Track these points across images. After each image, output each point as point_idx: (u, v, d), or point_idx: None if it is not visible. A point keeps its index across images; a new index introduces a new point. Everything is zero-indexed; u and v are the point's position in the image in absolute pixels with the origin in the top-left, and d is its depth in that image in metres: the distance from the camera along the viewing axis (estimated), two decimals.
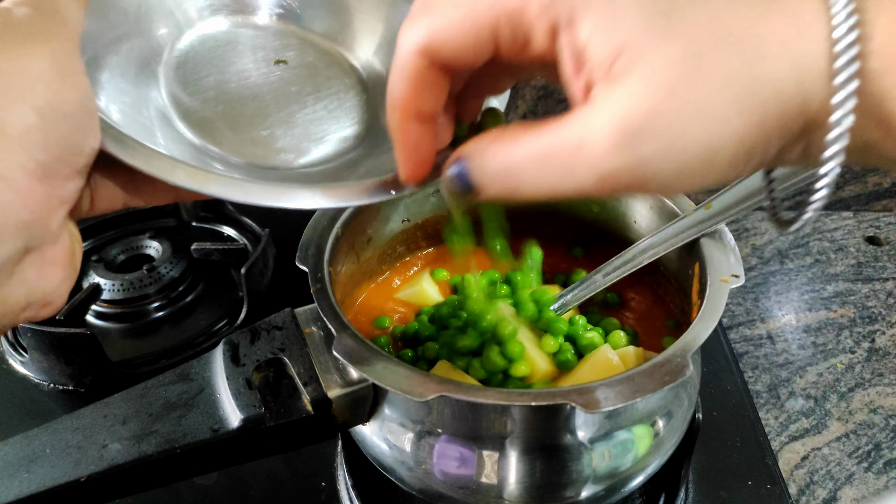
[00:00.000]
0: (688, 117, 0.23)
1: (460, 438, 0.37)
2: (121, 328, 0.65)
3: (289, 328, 0.40)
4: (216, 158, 0.33)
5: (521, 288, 0.49)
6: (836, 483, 0.53)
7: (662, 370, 0.34)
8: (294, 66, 0.37)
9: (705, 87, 0.23)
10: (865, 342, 0.65)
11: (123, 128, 0.29)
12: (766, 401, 0.59)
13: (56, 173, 0.25)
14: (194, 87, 0.35)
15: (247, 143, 0.34)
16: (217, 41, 0.37)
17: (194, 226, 0.76)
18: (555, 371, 0.43)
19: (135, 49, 0.34)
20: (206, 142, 0.33)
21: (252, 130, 0.35)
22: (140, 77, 0.34)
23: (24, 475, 0.34)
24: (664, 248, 0.44)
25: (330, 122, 0.36)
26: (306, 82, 0.37)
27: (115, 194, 0.30)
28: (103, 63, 0.32)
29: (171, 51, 0.35)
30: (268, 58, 0.37)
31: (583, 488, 0.38)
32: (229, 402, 0.37)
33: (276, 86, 0.36)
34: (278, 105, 0.36)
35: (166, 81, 0.35)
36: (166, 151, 0.29)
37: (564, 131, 0.25)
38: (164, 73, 0.35)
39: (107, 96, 0.31)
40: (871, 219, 0.80)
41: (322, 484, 0.51)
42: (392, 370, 0.34)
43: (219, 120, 0.34)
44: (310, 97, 0.37)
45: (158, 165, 0.28)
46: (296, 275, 0.41)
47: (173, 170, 0.28)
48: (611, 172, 0.24)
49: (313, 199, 0.30)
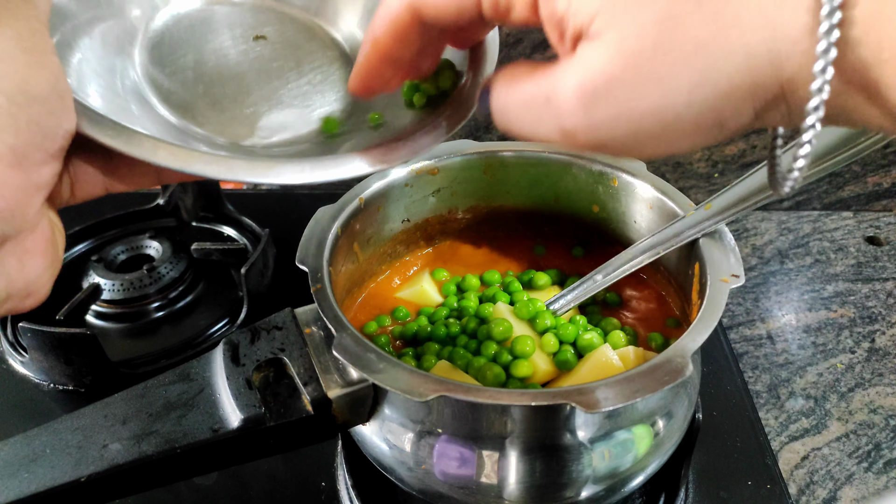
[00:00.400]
0: (646, 86, 0.24)
1: (460, 438, 0.37)
2: (121, 328, 0.65)
3: (289, 328, 0.40)
4: (199, 139, 0.32)
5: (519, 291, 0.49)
6: (836, 483, 0.53)
7: (662, 370, 0.34)
8: (274, 41, 0.37)
9: (672, 56, 0.24)
10: (865, 342, 0.65)
11: (103, 110, 0.28)
12: (766, 401, 0.59)
13: (29, 158, 0.24)
14: (172, 68, 0.34)
15: (230, 122, 0.33)
16: (192, 20, 0.36)
17: (194, 226, 0.76)
18: (555, 371, 0.43)
19: (108, 31, 0.33)
20: (187, 123, 0.33)
21: (234, 109, 0.34)
22: (116, 59, 0.33)
23: (24, 475, 0.34)
24: (664, 248, 0.44)
25: (314, 96, 0.36)
26: (288, 57, 0.36)
27: (95, 179, 0.29)
28: (76, 45, 0.31)
29: (146, 31, 0.34)
30: (246, 35, 0.36)
31: (583, 488, 0.38)
32: (229, 402, 0.37)
33: (256, 63, 0.36)
34: (260, 82, 0.35)
35: (142, 63, 0.34)
36: (148, 133, 0.28)
37: (543, 82, 0.27)
38: (139, 55, 0.34)
39: (82, 79, 0.30)
40: (871, 219, 0.80)
41: (322, 484, 0.51)
42: (392, 370, 0.34)
43: (199, 100, 0.34)
44: (292, 72, 0.36)
45: (139, 146, 0.27)
46: (296, 275, 0.41)
47: (155, 150, 0.27)
48: (569, 130, 0.26)
49: (301, 173, 0.29)
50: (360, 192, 0.47)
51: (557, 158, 0.51)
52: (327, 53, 0.37)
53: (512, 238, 0.55)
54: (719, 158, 0.83)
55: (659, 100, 0.24)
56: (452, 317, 0.48)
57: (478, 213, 0.54)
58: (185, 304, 0.67)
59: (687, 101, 0.24)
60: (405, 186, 0.50)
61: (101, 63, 0.32)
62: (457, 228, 0.55)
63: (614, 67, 0.24)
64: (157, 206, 0.75)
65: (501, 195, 0.53)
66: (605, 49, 0.24)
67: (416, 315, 0.49)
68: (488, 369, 0.42)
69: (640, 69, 0.24)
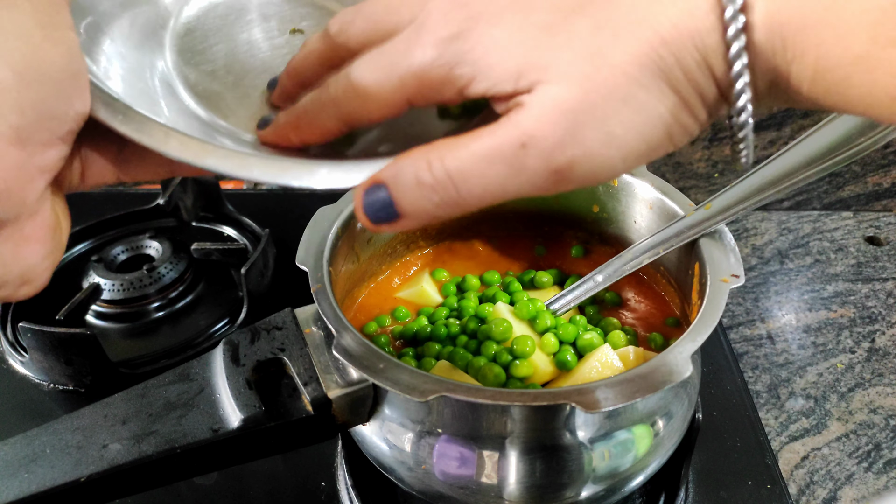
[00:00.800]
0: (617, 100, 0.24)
1: (460, 438, 0.37)
2: (121, 328, 0.65)
3: (289, 328, 0.40)
4: (224, 133, 0.31)
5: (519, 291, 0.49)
6: (836, 483, 0.53)
7: (662, 370, 0.34)
8: (310, 36, 0.35)
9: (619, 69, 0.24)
10: (865, 342, 0.65)
11: (125, 96, 0.27)
12: (766, 401, 0.59)
13: (34, 138, 0.22)
14: (202, 57, 0.33)
15: (257, 117, 0.32)
16: (227, 9, 0.35)
17: (194, 226, 0.76)
18: (555, 371, 0.43)
19: (140, 15, 0.32)
20: (213, 115, 0.31)
21: (263, 104, 0.32)
22: (145, 45, 0.32)
23: (24, 475, 0.34)
24: (664, 248, 0.44)
25: None
26: None
27: (107, 166, 0.28)
28: (106, 29, 0.30)
29: (178, 18, 0.33)
30: (282, 27, 0.35)
31: (583, 488, 0.38)
32: (229, 402, 0.37)
33: (289, 57, 0.34)
34: None
35: (172, 50, 0.32)
36: (171, 123, 0.27)
37: (501, 132, 0.25)
38: (170, 42, 0.33)
39: (108, 63, 0.29)
40: (871, 219, 0.80)
41: (322, 484, 0.51)
42: (392, 370, 0.34)
43: (228, 92, 0.32)
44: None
45: (150, 134, 0.25)
46: (296, 275, 0.41)
47: (166, 139, 0.25)
48: (566, 163, 0.25)
49: (314, 176, 0.27)
50: None
51: None
52: None
53: (512, 238, 0.55)
54: (719, 158, 0.83)
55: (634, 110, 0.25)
56: (452, 317, 0.48)
57: (478, 212, 0.54)
58: (185, 304, 0.67)
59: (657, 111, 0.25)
60: None
61: (129, 47, 0.31)
62: (457, 228, 0.55)
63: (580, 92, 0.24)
64: (157, 206, 0.75)
65: None
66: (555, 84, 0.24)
67: (416, 315, 0.49)
68: (488, 369, 0.42)
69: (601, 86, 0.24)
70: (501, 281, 0.51)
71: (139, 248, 0.70)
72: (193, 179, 0.75)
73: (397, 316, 0.49)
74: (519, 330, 0.44)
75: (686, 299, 0.45)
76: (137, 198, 0.79)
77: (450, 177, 0.25)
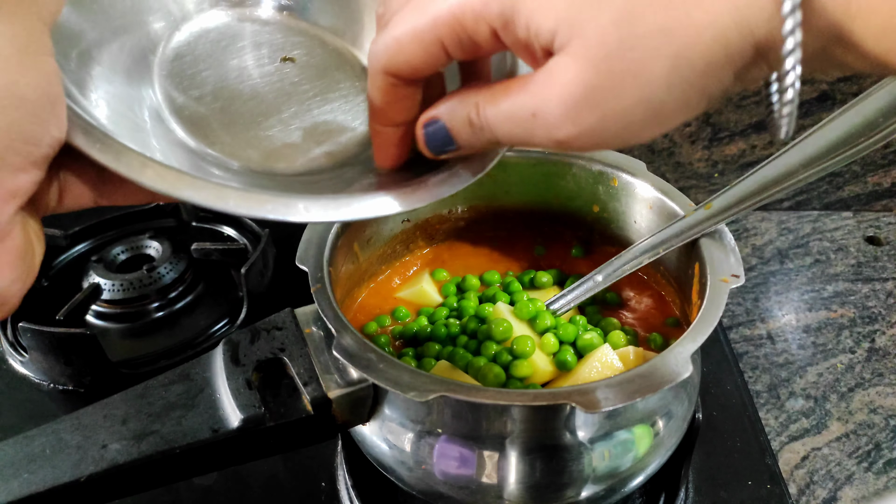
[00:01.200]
0: (623, 84, 0.25)
1: (460, 438, 0.37)
2: (121, 328, 0.65)
3: (289, 328, 0.40)
4: (212, 162, 0.31)
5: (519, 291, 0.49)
6: (836, 483, 0.53)
7: (662, 370, 0.34)
8: (302, 64, 0.35)
9: (640, 51, 0.24)
10: (865, 342, 0.65)
11: (110, 123, 0.27)
12: (766, 401, 0.59)
13: (6, 162, 0.22)
14: (190, 83, 0.33)
15: (243, 144, 0.32)
16: (219, 35, 0.35)
17: (194, 226, 0.76)
18: (555, 371, 0.43)
19: (128, 43, 0.32)
20: (201, 143, 0.31)
21: (250, 131, 0.33)
22: (133, 73, 0.32)
23: (24, 475, 0.34)
24: (664, 248, 0.44)
25: (335, 126, 0.34)
26: (313, 82, 0.35)
27: (85, 191, 0.28)
28: (97, 55, 0.30)
29: (168, 44, 0.33)
30: (273, 55, 0.35)
31: (583, 488, 0.38)
32: (229, 402, 0.37)
33: (278, 85, 0.34)
34: (280, 106, 0.34)
35: (160, 77, 0.32)
36: (157, 150, 0.27)
37: (525, 98, 0.27)
38: (158, 69, 0.33)
39: (97, 90, 0.29)
40: (871, 219, 0.80)
41: (322, 484, 0.51)
42: (392, 370, 0.34)
43: (214, 118, 0.32)
44: (315, 99, 0.35)
45: (127, 163, 0.25)
46: (296, 275, 0.41)
47: (142, 169, 0.25)
48: (563, 140, 0.27)
49: (297, 211, 0.27)
50: None
51: (557, 158, 0.51)
52: (355, 83, 0.36)
53: (512, 238, 0.55)
54: (719, 158, 0.83)
55: (639, 93, 0.25)
56: (452, 317, 0.48)
57: (478, 212, 0.54)
58: (185, 304, 0.67)
59: (666, 87, 0.25)
60: None
61: (118, 73, 0.31)
62: (457, 228, 0.55)
63: (587, 76, 0.25)
64: (157, 206, 0.75)
65: (501, 195, 0.53)
66: (573, 60, 0.25)
67: (416, 315, 0.49)
68: (488, 369, 0.42)
69: (612, 71, 0.25)
70: (501, 281, 0.51)
71: (139, 248, 0.70)
72: None
73: (397, 316, 0.49)
74: (519, 330, 0.44)
75: (686, 299, 0.45)
76: None
77: (488, 124, 0.29)
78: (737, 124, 0.78)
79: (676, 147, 0.80)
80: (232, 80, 0.34)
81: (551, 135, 0.27)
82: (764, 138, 0.80)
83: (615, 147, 0.28)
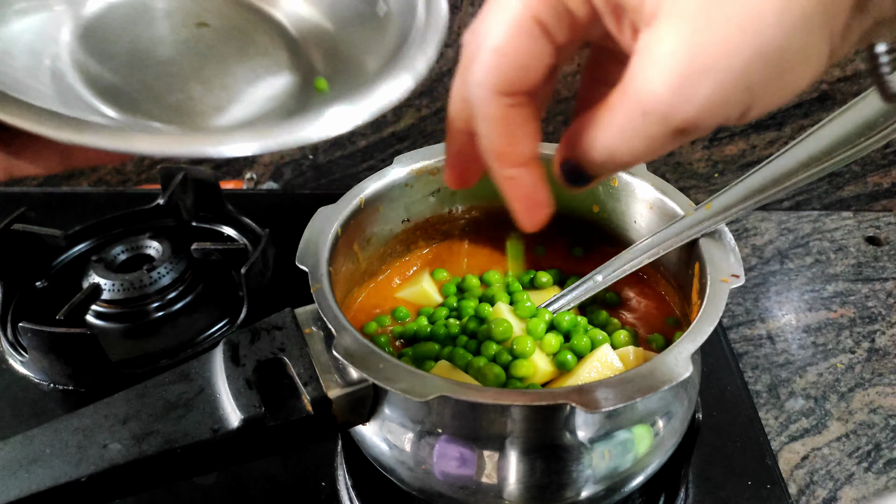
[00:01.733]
0: (732, 38, 0.22)
1: (460, 438, 0.37)
2: (121, 328, 0.64)
3: (289, 328, 0.40)
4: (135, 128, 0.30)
5: (519, 291, 0.49)
6: (836, 483, 0.53)
7: (662, 370, 0.34)
8: (217, 27, 0.35)
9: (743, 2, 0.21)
10: (865, 342, 0.65)
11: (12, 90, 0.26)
12: (766, 401, 0.59)
13: None
14: (102, 56, 0.32)
15: (165, 109, 0.32)
16: (129, 7, 0.35)
17: (194, 226, 0.76)
18: (555, 371, 0.43)
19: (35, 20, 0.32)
20: (123, 113, 0.31)
21: (170, 95, 0.32)
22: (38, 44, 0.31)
23: (24, 475, 0.34)
24: (664, 248, 0.44)
25: (257, 82, 0.34)
26: (230, 43, 0.35)
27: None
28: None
29: (77, 20, 0.33)
30: (186, 22, 0.35)
31: (583, 488, 0.38)
32: (229, 402, 0.37)
33: (195, 49, 0.34)
34: (199, 68, 0.34)
35: (72, 52, 0.32)
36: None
37: (625, 103, 0.25)
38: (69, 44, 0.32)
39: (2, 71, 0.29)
40: (871, 219, 0.80)
41: (322, 484, 0.51)
42: (392, 370, 0.34)
43: (133, 88, 0.32)
44: (234, 58, 0.35)
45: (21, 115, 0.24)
46: (296, 275, 0.41)
47: (40, 119, 0.24)
48: (684, 125, 0.24)
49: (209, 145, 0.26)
50: (359, 192, 0.47)
51: None
52: (273, 38, 0.36)
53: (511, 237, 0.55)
54: (719, 158, 0.83)
55: (751, 43, 0.22)
56: (452, 317, 0.48)
57: (478, 213, 0.54)
58: (185, 304, 0.67)
59: (781, 30, 0.22)
60: (405, 186, 0.50)
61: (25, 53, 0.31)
62: (457, 228, 0.55)
63: (686, 35, 0.22)
64: (157, 206, 0.75)
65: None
66: (666, 24, 0.22)
67: (416, 315, 0.49)
68: (488, 369, 0.42)
69: (713, 21, 0.22)
70: (501, 281, 0.51)
71: (139, 248, 0.70)
72: (193, 179, 0.75)
73: (397, 316, 0.49)
74: (519, 330, 0.44)
75: (686, 299, 0.45)
76: (137, 198, 0.79)
77: (612, 158, 0.27)
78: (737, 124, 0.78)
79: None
80: (146, 49, 0.33)
81: (669, 124, 0.24)
82: (764, 138, 0.81)
83: (745, 121, 0.25)
